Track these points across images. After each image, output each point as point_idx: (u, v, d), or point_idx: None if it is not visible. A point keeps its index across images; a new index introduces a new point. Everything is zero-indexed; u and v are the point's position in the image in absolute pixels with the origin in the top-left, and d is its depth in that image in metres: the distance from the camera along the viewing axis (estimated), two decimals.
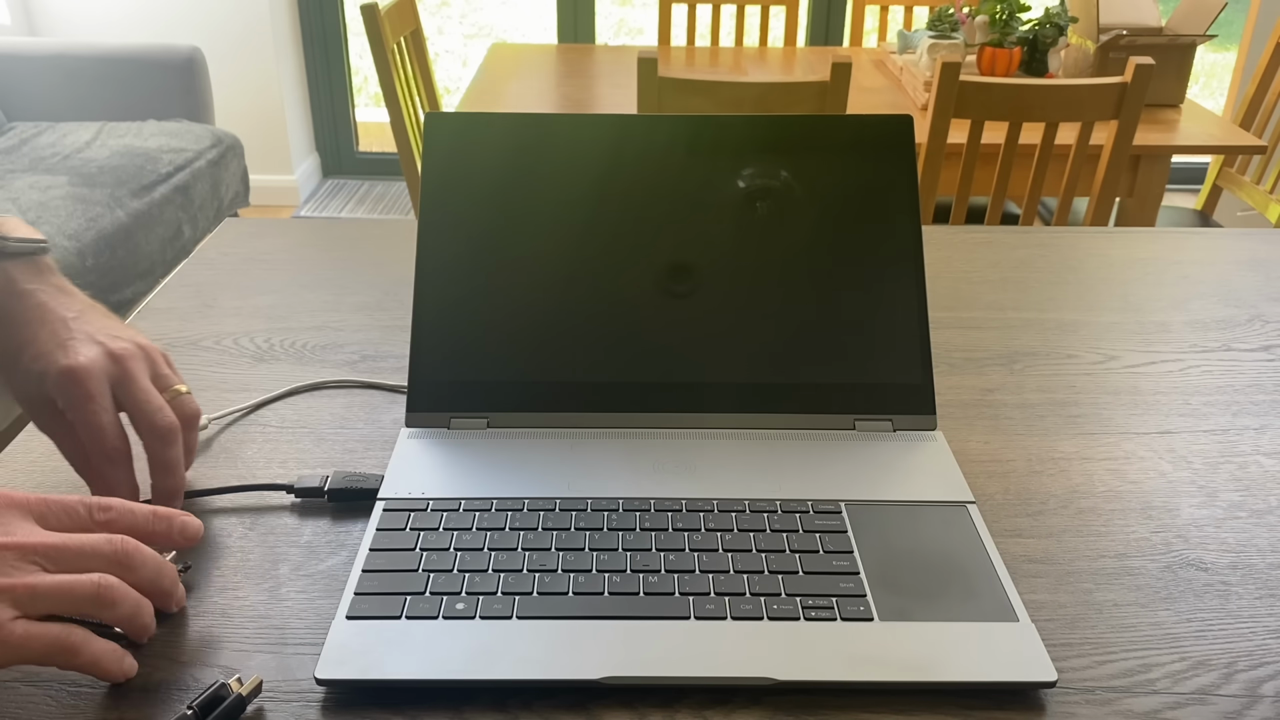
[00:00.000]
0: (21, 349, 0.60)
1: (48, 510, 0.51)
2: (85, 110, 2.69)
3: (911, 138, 0.74)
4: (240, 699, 0.49)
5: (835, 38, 3.47)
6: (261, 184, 3.29)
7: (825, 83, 1.72)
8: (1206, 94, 5.21)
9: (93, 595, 0.49)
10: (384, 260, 1.00)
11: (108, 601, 0.49)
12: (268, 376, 0.80)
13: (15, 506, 0.50)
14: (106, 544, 0.50)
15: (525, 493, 0.63)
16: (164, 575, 0.53)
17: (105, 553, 0.50)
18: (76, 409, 0.59)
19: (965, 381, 0.81)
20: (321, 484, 0.65)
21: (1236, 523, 0.65)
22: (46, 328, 0.60)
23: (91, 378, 0.59)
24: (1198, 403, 0.79)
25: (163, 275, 2.30)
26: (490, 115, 0.76)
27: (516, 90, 2.32)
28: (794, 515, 0.62)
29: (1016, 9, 2.19)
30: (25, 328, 0.60)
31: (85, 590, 0.49)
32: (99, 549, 0.50)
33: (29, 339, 0.60)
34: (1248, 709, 0.51)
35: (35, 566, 0.48)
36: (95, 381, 0.59)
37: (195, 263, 0.99)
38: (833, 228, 0.73)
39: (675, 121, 0.75)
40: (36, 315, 0.60)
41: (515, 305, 0.71)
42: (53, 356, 0.59)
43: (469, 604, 0.55)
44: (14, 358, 0.60)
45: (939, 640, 0.53)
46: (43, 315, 0.60)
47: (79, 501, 0.52)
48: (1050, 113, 1.77)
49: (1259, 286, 0.98)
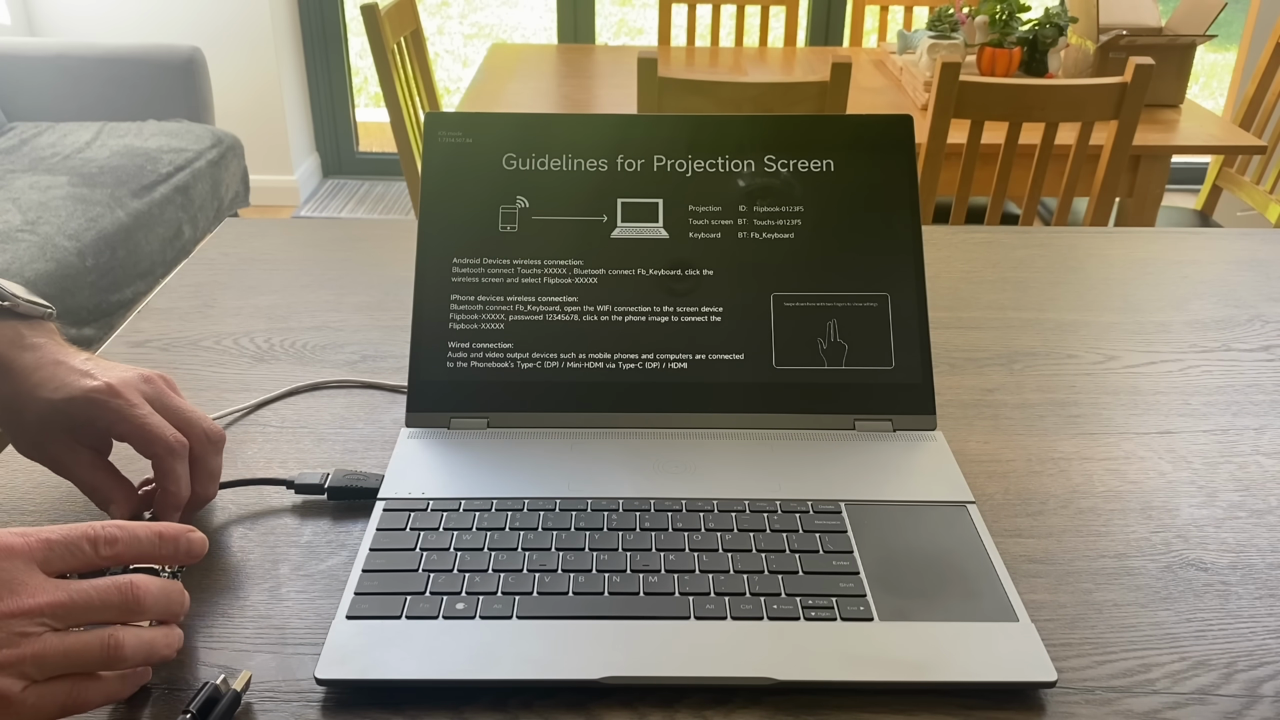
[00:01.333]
0: (37, 388, 0.60)
1: (50, 552, 0.48)
2: (85, 110, 2.69)
3: (911, 138, 0.74)
4: (235, 695, 0.50)
5: (835, 38, 3.47)
6: (261, 184, 3.29)
7: (825, 83, 1.72)
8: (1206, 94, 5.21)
9: (101, 657, 0.47)
10: (384, 260, 1.00)
11: (117, 659, 0.48)
12: (268, 376, 0.80)
13: (17, 556, 0.47)
14: (115, 593, 0.49)
15: (525, 493, 0.63)
16: (172, 603, 0.51)
17: (114, 603, 0.48)
18: (123, 418, 0.59)
19: (965, 381, 0.81)
20: (322, 481, 0.65)
21: (1236, 523, 0.65)
22: (63, 367, 0.61)
23: (130, 389, 0.60)
24: (1198, 403, 0.79)
25: (163, 275, 2.30)
26: (490, 115, 0.76)
27: (516, 90, 2.32)
28: (794, 515, 0.62)
29: (1016, 9, 2.19)
30: (38, 370, 0.61)
31: (94, 653, 0.47)
32: (107, 600, 0.48)
33: (45, 379, 0.60)
34: (1248, 709, 0.52)
35: (43, 628, 0.46)
36: (133, 393, 0.60)
37: (195, 263, 0.99)
38: (833, 228, 0.73)
39: (675, 121, 0.75)
40: (50, 359, 0.62)
41: (515, 305, 0.71)
42: (81, 382, 0.60)
43: (469, 604, 0.55)
44: (26, 398, 0.60)
45: (939, 640, 0.53)
46: (56, 359, 0.62)
47: (82, 536, 0.50)
48: (1050, 113, 1.77)
49: (1259, 286, 0.98)
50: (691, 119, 0.75)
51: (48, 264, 1.97)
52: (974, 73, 2.17)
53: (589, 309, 0.72)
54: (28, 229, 2.04)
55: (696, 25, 2.86)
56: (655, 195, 0.73)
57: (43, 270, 1.95)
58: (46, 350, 0.62)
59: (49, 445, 0.61)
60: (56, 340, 0.64)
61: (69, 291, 2.00)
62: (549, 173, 0.73)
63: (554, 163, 0.74)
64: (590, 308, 0.72)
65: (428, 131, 0.74)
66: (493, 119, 0.75)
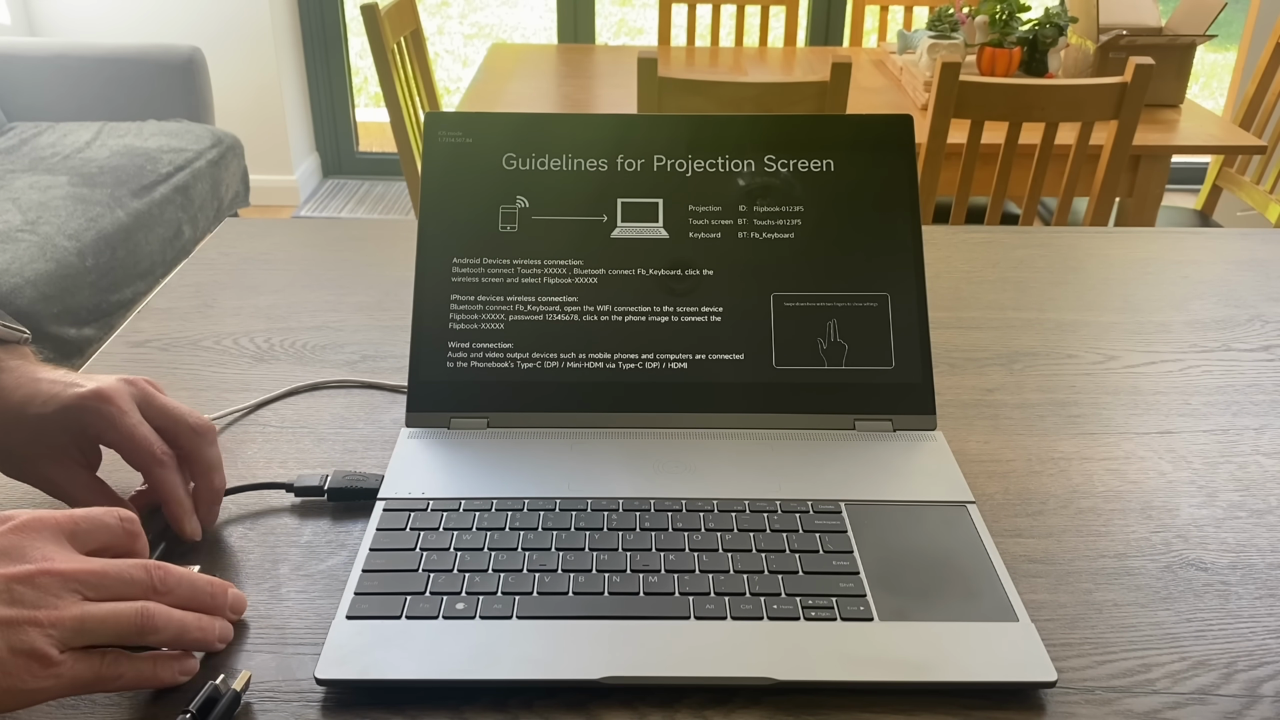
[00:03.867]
0: (23, 406, 0.60)
1: (77, 528, 0.50)
2: (85, 110, 2.69)
3: (911, 138, 0.74)
4: (235, 695, 0.50)
5: (835, 38, 3.47)
6: (261, 184, 3.29)
7: (825, 83, 1.72)
8: (1206, 94, 5.21)
9: (136, 624, 0.48)
10: (384, 260, 1.00)
11: (150, 629, 0.49)
12: (268, 376, 0.80)
13: (47, 528, 0.49)
14: (142, 570, 0.50)
15: (525, 493, 0.63)
16: (199, 591, 0.52)
17: (141, 579, 0.50)
18: (113, 425, 0.60)
19: (965, 381, 0.81)
20: (321, 483, 0.65)
21: (1236, 523, 0.65)
22: (44, 382, 0.61)
23: (120, 396, 0.61)
24: (1198, 403, 0.79)
25: (163, 275, 2.30)
26: (490, 115, 0.76)
27: (516, 90, 2.32)
28: (794, 515, 0.62)
29: (1016, 9, 2.19)
30: (19, 389, 0.61)
31: (129, 619, 0.48)
32: (136, 576, 0.50)
33: (29, 396, 0.61)
34: (1248, 709, 0.52)
35: (76, 595, 0.48)
36: (124, 399, 0.61)
37: (195, 263, 0.99)
38: (833, 227, 0.73)
39: (675, 121, 0.75)
40: (29, 378, 0.62)
41: (515, 305, 0.71)
42: (68, 391, 0.60)
43: (469, 604, 0.55)
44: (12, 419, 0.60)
45: (939, 640, 0.53)
46: (35, 377, 0.62)
47: (104, 511, 0.52)
48: (1050, 113, 1.77)
49: (1259, 286, 0.98)
50: (691, 119, 0.75)
51: (48, 264, 1.97)
52: (974, 73, 2.17)
53: (589, 309, 0.71)
54: (28, 229, 2.04)
55: (696, 25, 2.86)
56: (655, 195, 0.73)
57: (43, 270, 1.95)
58: (23, 370, 0.62)
59: (40, 464, 0.61)
60: (32, 361, 0.64)
61: (69, 291, 2.00)
62: (549, 173, 0.73)
63: (554, 163, 0.74)
64: (590, 308, 0.72)
65: (428, 131, 0.74)
66: (493, 119, 0.75)
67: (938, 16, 2.29)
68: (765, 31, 2.86)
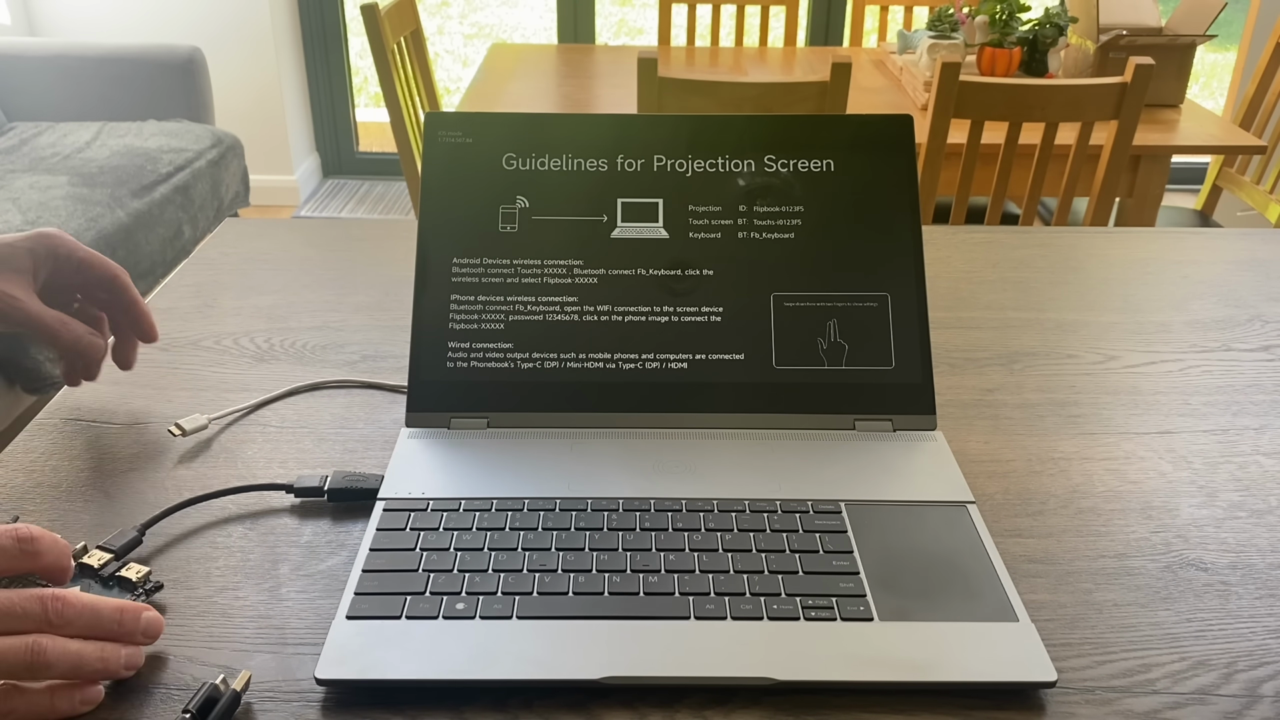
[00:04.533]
0: None
1: None
2: (85, 110, 2.69)
3: (911, 138, 0.74)
4: (235, 695, 0.50)
5: (835, 38, 3.47)
6: (261, 184, 3.29)
7: (825, 83, 1.72)
8: (1206, 94, 5.21)
9: (25, 660, 0.46)
10: (384, 260, 1.00)
11: (41, 664, 0.46)
12: (268, 376, 0.80)
13: None
14: (36, 602, 0.47)
15: (525, 493, 0.63)
16: (102, 619, 0.49)
17: (35, 612, 0.47)
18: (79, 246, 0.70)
19: (965, 381, 0.81)
20: (321, 484, 0.65)
21: (1236, 523, 0.65)
22: None
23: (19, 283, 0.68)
24: (1198, 403, 0.79)
25: (163, 275, 2.30)
26: (490, 115, 0.76)
27: (516, 90, 2.32)
28: (794, 515, 0.62)
29: (1016, 9, 2.19)
30: None
31: (18, 656, 0.46)
32: (29, 609, 0.47)
33: None
34: (1248, 709, 0.51)
35: None
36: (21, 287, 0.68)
37: (195, 263, 0.99)
38: (833, 227, 0.73)
39: (675, 121, 0.75)
40: None
41: (515, 305, 0.71)
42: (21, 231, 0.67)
43: (469, 604, 0.55)
44: None
45: (939, 640, 0.53)
46: None
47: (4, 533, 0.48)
48: (1050, 113, 1.77)
49: (1259, 286, 0.98)
50: (691, 119, 0.75)
51: None
52: (974, 73, 2.17)
53: (589, 309, 0.71)
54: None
55: (696, 25, 2.86)
56: (655, 195, 0.73)
57: None
58: None
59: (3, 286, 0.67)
60: None
61: None
62: (549, 173, 0.73)
63: (554, 163, 0.74)
64: (590, 308, 0.72)
65: (428, 131, 0.74)
66: (493, 119, 0.75)
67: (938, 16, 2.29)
68: (765, 31, 2.86)
